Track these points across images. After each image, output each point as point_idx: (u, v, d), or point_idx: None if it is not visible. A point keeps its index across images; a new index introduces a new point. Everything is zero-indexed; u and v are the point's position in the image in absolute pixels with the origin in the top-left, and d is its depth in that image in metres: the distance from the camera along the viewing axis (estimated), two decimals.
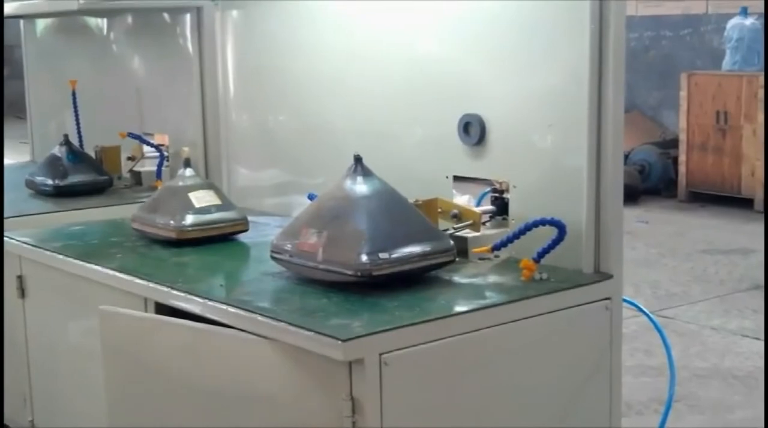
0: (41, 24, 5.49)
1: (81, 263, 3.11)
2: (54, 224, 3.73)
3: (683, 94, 10.03)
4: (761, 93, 9.38)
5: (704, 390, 5.02)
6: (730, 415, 4.74)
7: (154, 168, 4.40)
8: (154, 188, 4.15)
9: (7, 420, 3.63)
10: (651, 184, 10.29)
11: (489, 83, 3.04)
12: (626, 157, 10.16)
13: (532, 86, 2.90)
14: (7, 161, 5.09)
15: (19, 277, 3.46)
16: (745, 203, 9.43)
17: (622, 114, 2.78)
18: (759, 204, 9.30)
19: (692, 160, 9.98)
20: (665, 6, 11.53)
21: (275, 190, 3.91)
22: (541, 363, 2.62)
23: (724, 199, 9.65)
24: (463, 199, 3.16)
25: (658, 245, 8.16)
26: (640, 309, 3.08)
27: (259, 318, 2.46)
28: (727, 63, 10.19)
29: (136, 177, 4.51)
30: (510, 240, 2.77)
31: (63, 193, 4.23)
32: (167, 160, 4.40)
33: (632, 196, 9.56)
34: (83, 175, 4.32)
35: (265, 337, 2.42)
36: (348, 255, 2.55)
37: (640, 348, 5.38)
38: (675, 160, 10.24)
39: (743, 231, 8.61)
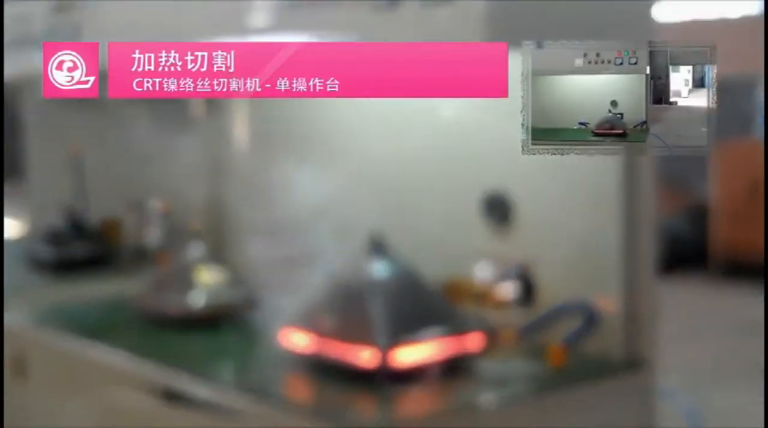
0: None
1: (84, 345, 2.97)
2: (55, 298, 3.60)
3: None
4: None
5: None
6: None
7: (159, 239, 4.25)
8: (159, 260, 4.01)
9: None
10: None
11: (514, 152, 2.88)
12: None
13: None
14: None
15: (19, 358, 3.31)
16: None
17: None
18: None
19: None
20: None
21: (289, 264, 3.75)
22: None
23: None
24: (487, 274, 3.00)
25: (696, 319, 7.94)
26: (677, 402, 2.94)
27: (271, 407, 2.33)
28: None
29: (141, 248, 4.37)
30: (537, 325, 2.63)
31: (64, 265, 4.10)
32: (173, 231, 4.25)
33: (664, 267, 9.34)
34: (85, 246, 4.19)
35: None
36: (366, 341, 2.41)
37: None
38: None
39: None
